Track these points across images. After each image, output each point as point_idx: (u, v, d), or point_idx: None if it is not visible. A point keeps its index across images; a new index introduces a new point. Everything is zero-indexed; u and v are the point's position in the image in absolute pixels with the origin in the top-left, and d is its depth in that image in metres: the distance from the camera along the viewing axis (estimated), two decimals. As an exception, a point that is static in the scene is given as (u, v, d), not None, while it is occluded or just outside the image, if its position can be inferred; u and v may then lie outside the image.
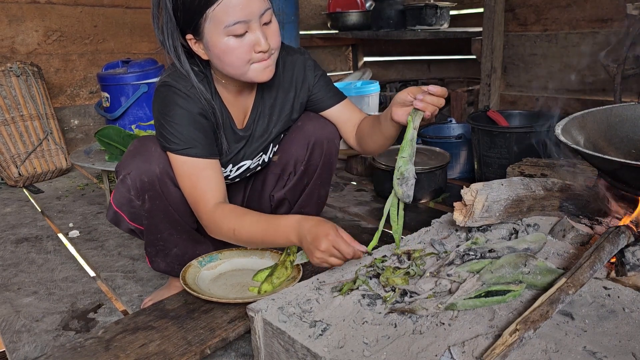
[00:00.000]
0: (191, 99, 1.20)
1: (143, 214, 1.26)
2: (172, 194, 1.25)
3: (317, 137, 1.37)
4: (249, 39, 1.12)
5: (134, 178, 1.22)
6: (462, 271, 0.99)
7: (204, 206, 1.20)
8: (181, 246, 1.35)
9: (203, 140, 1.21)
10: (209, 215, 1.20)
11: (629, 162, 1.00)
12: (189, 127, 1.19)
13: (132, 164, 1.22)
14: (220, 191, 1.23)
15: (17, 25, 2.97)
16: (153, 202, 1.24)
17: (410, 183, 1.08)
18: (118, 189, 1.25)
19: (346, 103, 1.40)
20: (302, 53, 1.37)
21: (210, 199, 1.20)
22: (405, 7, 3.44)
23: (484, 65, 2.81)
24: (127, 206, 1.26)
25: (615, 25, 2.37)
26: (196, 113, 1.20)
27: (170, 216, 1.28)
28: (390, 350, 0.83)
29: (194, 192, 1.22)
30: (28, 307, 1.44)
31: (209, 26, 1.10)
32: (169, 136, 1.19)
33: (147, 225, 1.29)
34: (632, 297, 0.94)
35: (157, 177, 1.22)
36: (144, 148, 1.24)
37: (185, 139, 1.19)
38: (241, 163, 1.38)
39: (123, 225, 1.31)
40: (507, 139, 2.15)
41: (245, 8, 1.08)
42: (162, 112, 1.20)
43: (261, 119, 1.35)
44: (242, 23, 1.09)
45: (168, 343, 1.07)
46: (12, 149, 2.61)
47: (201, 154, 1.20)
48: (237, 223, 1.18)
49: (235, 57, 1.13)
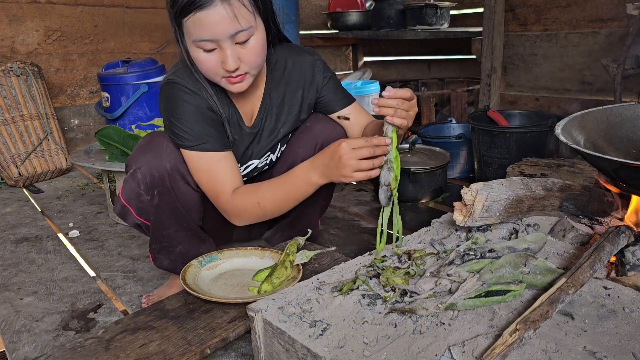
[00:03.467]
0: (197, 95, 1.21)
1: (151, 209, 1.27)
2: (181, 191, 1.25)
3: (324, 138, 1.37)
4: (218, 56, 1.12)
5: (144, 173, 1.22)
6: (462, 271, 0.99)
7: (224, 196, 1.22)
8: (185, 244, 1.35)
9: (214, 134, 1.22)
10: (230, 203, 1.22)
11: (629, 162, 1.00)
12: (199, 122, 1.20)
13: (143, 159, 1.22)
14: (237, 180, 1.25)
15: (17, 25, 2.97)
16: (162, 197, 1.24)
17: (383, 189, 1.12)
18: (127, 183, 1.25)
19: (354, 106, 1.41)
20: (311, 54, 1.37)
21: (229, 189, 1.22)
22: (405, 7, 3.44)
23: (484, 65, 2.81)
24: (135, 200, 1.26)
25: (615, 25, 2.37)
26: (204, 107, 1.21)
27: (178, 212, 1.28)
28: (390, 350, 0.84)
29: (212, 186, 1.23)
30: (28, 307, 1.44)
31: (185, 33, 1.12)
32: (181, 133, 1.20)
33: (154, 221, 1.29)
34: (632, 297, 0.94)
35: (168, 173, 1.22)
36: (156, 143, 1.24)
37: (197, 134, 1.20)
38: (249, 162, 1.38)
39: (129, 219, 1.31)
40: (507, 139, 2.15)
41: (213, 28, 1.07)
42: (169, 110, 1.21)
43: (269, 117, 1.35)
44: (209, 41, 1.09)
45: (168, 343, 1.07)
46: (12, 149, 2.62)
47: (215, 147, 1.21)
48: (257, 196, 1.20)
49: (205, 68, 1.15)
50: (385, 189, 1.12)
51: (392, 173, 1.12)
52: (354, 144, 1.07)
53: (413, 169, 2.12)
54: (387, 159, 1.11)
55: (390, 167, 1.12)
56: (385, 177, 1.12)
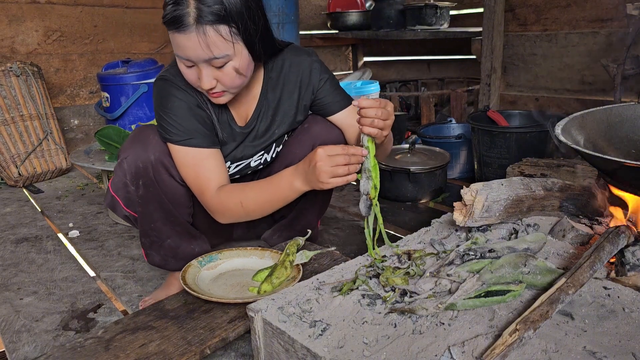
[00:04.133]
0: (187, 92, 1.23)
1: (137, 200, 1.28)
2: (166, 184, 1.26)
3: (322, 140, 1.37)
4: (197, 72, 1.15)
5: (129, 163, 1.24)
6: (462, 271, 0.99)
7: (208, 193, 1.23)
8: (174, 238, 1.35)
9: (202, 130, 1.24)
10: (214, 199, 1.23)
11: (629, 162, 1.00)
12: (187, 118, 1.22)
13: (130, 149, 1.25)
14: (223, 178, 1.26)
15: (17, 25, 2.97)
16: (147, 189, 1.26)
17: (363, 198, 1.13)
18: (116, 173, 1.28)
19: (352, 108, 1.40)
20: (309, 54, 1.37)
21: (214, 186, 1.23)
22: (405, 7, 3.44)
23: (484, 65, 2.81)
24: (122, 191, 1.29)
25: (615, 25, 2.37)
26: (193, 104, 1.23)
27: (164, 205, 1.29)
28: (390, 350, 0.83)
29: (197, 181, 1.24)
30: (28, 307, 1.44)
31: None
32: (169, 127, 1.22)
33: (141, 213, 1.30)
34: (632, 297, 0.94)
35: (152, 164, 1.24)
36: (143, 135, 1.27)
37: (185, 129, 1.21)
38: (240, 161, 1.38)
39: (118, 210, 1.33)
40: (507, 139, 2.15)
41: (187, 51, 1.10)
42: (160, 105, 1.23)
43: (264, 118, 1.35)
44: (186, 60, 1.13)
45: (168, 343, 1.07)
46: (12, 149, 2.61)
47: (202, 143, 1.23)
48: (241, 195, 1.21)
49: (187, 79, 1.19)
50: (364, 198, 1.13)
51: (371, 182, 1.12)
52: (330, 151, 1.08)
53: (413, 169, 2.12)
54: (366, 167, 1.12)
55: (369, 176, 1.12)
56: (364, 186, 1.13)
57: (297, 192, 1.18)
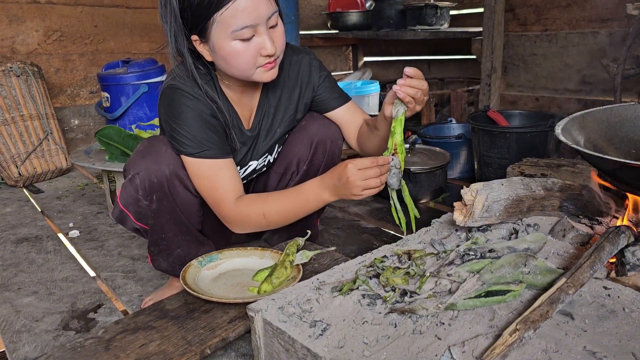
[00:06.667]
0: (199, 100, 1.19)
1: (149, 214, 1.26)
2: (180, 196, 1.25)
3: (320, 137, 1.37)
4: (256, 43, 1.12)
5: (142, 178, 1.21)
6: (462, 271, 0.99)
7: (226, 204, 1.22)
8: (184, 247, 1.35)
9: (216, 140, 1.21)
10: (233, 211, 1.22)
11: (629, 162, 1.00)
12: (200, 128, 1.19)
13: (142, 164, 1.22)
14: (239, 187, 1.25)
15: (17, 25, 2.97)
16: (160, 202, 1.24)
17: (392, 172, 1.17)
18: (125, 188, 1.25)
19: (350, 105, 1.41)
20: (307, 53, 1.37)
21: (231, 197, 1.22)
22: (405, 7, 3.44)
23: (484, 65, 2.81)
24: (133, 205, 1.26)
25: (615, 25, 2.37)
26: (206, 113, 1.20)
27: (176, 217, 1.28)
28: (390, 350, 0.84)
29: (214, 193, 1.22)
30: (28, 307, 1.44)
31: (216, 29, 1.10)
32: (182, 139, 1.19)
33: (153, 225, 1.29)
34: (632, 297, 0.94)
35: (167, 178, 1.21)
36: (154, 149, 1.23)
37: (199, 141, 1.18)
38: (249, 164, 1.38)
39: (128, 224, 1.31)
40: (507, 139, 2.15)
41: (253, 12, 1.08)
42: (171, 116, 1.19)
43: (265, 118, 1.35)
44: (249, 27, 1.09)
45: (168, 343, 1.07)
46: (12, 149, 2.62)
47: (216, 154, 1.20)
48: (264, 207, 1.21)
49: (241, 60, 1.14)
50: (396, 171, 1.17)
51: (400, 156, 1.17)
52: (360, 164, 1.10)
53: (413, 169, 2.12)
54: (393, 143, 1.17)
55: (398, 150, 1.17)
56: (395, 161, 1.16)
57: (324, 203, 1.20)
